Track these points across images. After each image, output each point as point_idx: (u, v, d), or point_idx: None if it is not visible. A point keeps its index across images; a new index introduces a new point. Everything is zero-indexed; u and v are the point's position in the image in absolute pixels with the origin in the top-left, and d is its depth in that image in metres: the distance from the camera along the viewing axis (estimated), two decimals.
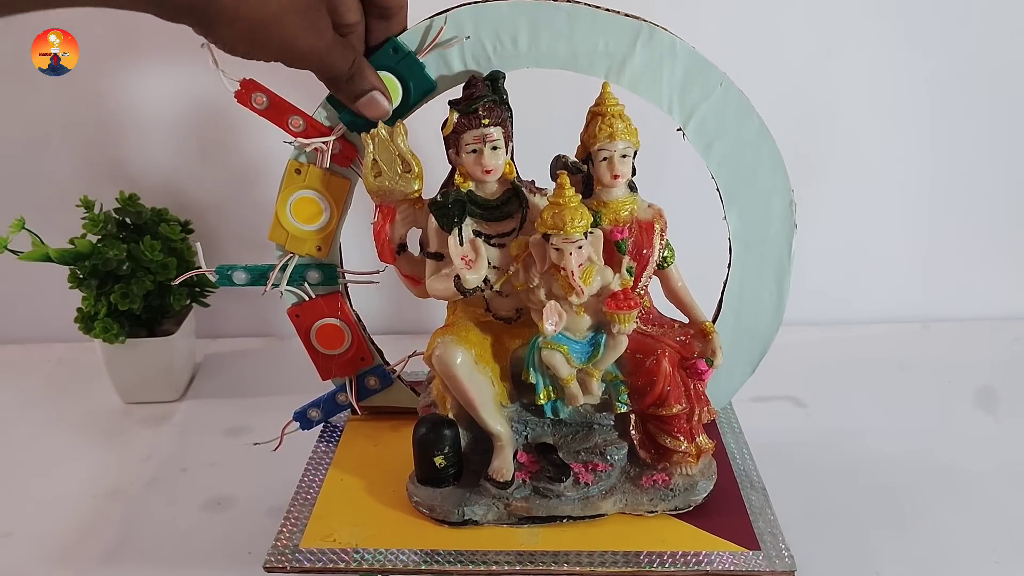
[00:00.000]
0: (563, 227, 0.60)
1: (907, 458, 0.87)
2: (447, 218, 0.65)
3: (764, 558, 0.63)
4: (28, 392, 1.05)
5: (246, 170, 1.07)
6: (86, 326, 0.95)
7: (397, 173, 0.66)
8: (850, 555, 0.75)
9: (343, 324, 0.76)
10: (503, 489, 0.67)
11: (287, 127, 0.70)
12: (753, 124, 0.70)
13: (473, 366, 0.66)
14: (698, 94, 0.69)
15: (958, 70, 1.05)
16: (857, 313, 1.16)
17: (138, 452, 0.92)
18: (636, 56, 0.68)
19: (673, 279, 0.69)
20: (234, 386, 1.05)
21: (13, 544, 0.79)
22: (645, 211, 0.67)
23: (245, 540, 0.77)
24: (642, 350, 0.66)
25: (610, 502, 0.67)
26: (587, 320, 0.64)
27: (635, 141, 0.65)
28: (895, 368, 1.06)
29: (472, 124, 0.63)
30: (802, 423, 0.95)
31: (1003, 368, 1.05)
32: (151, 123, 1.06)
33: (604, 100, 0.65)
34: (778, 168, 0.71)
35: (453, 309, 0.71)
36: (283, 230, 0.73)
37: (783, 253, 0.73)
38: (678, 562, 0.63)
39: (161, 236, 0.97)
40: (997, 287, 1.16)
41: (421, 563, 0.64)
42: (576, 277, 0.61)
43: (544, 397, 0.67)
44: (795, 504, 0.78)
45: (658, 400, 0.66)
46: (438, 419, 0.69)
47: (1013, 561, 0.75)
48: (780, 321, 0.75)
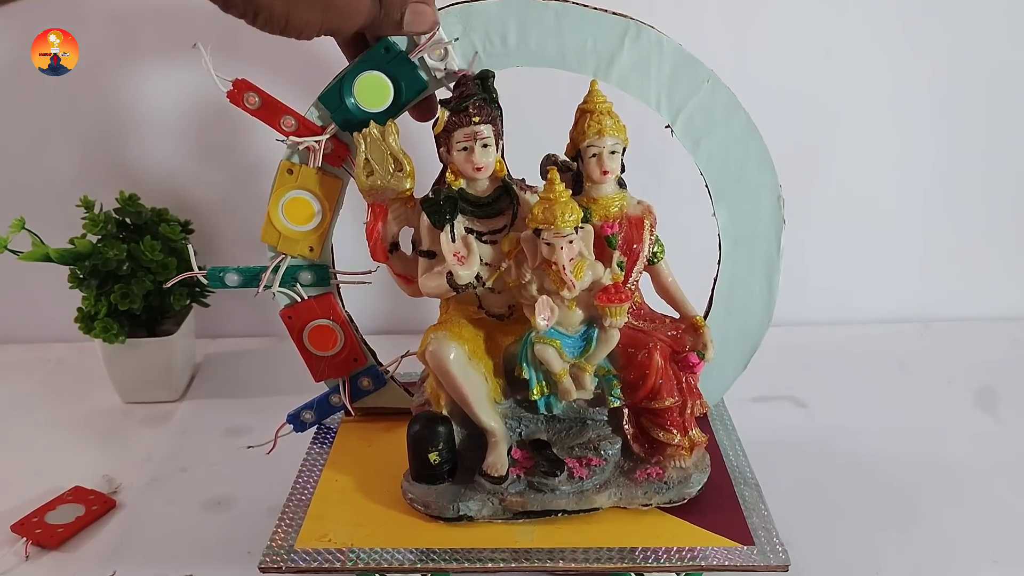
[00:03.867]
0: (554, 222, 0.61)
1: (907, 458, 0.87)
2: (439, 215, 0.65)
3: (758, 553, 0.63)
4: (28, 392, 1.05)
5: (246, 170, 1.08)
6: (86, 326, 0.95)
7: (389, 172, 0.67)
8: (850, 555, 0.75)
9: (335, 325, 0.76)
10: (498, 484, 0.67)
11: (279, 127, 0.70)
12: (740, 120, 0.70)
13: (466, 362, 0.66)
14: (685, 91, 0.69)
15: (959, 69, 1.04)
16: (857, 313, 1.16)
17: (138, 452, 0.92)
18: (624, 54, 0.68)
19: (663, 275, 0.70)
20: (234, 386, 1.05)
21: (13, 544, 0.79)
22: (635, 207, 0.67)
23: (244, 540, 0.77)
24: (634, 344, 0.66)
25: (604, 496, 0.67)
26: (579, 314, 0.65)
27: (623, 138, 0.65)
28: (895, 368, 1.05)
29: (463, 122, 0.64)
30: (802, 423, 0.95)
31: (1003, 368, 1.04)
32: (151, 123, 1.06)
33: (593, 97, 0.66)
34: (766, 164, 0.71)
35: (446, 307, 0.71)
36: (275, 231, 0.74)
37: (772, 248, 0.73)
38: (672, 557, 0.63)
39: (161, 236, 0.98)
40: (997, 287, 1.16)
41: (416, 561, 0.64)
42: (567, 271, 0.61)
43: (537, 392, 0.67)
44: (795, 504, 0.78)
45: (650, 393, 0.66)
46: (432, 416, 0.69)
47: (1013, 561, 0.74)
48: (771, 316, 0.75)
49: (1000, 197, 1.11)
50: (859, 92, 1.05)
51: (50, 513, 0.81)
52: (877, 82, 1.05)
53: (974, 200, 1.12)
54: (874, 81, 1.05)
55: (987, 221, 1.13)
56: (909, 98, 1.06)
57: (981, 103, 1.06)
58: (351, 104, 0.69)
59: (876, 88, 1.05)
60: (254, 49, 0.98)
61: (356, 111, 0.69)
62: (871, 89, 1.05)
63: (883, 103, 1.06)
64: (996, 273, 1.15)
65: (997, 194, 1.11)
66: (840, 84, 1.05)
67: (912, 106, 1.06)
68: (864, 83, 1.05)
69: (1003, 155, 1.09)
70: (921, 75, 1.05)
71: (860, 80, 1.05)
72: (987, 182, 1.11)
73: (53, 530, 0.79)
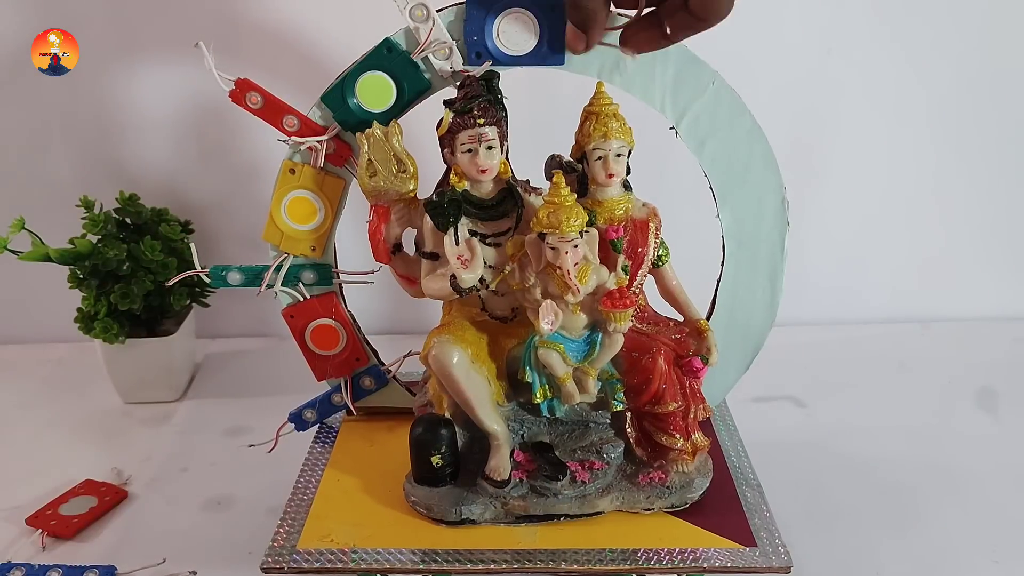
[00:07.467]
0: (559, 226, 0.61)
1: (907, 458, 0.87)
2: (443, 218, 0.65)
3: (760, 554, 0.63)
4: (28, 392, 1.05)
5: (246, 170, 1.08)
6: (86, 326, 0.95)
7: (392, 173, 0.66)
8: (851, 555, 0.75)
9: (338, 324, 0.76)
10: (500, 488, 0.67)
11: (281, 126, 0.70)
12: (745, 122, 0.70)
13: (469, 365, 0.66)
14: (690, 93, 0.69)
15: (959, 69, 1.05)
16: (857, 313, 1.16)
17: (138, 452, 0.92)
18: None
19: (668, 277, 0.70)
20: (234, 386, 1.05)
21: (13, 544, 0.79)
22: (640, 210, 0.67)
23: (245, 540, 0.77)
24: (638, 348, 0.66)
25: (607, 500, 0.67)
26: (583, 319, 0.65)
27: (629, 140, 0.65)
28: (895, 368, 1.06)
29: (467, 124, 0.63)
30: (802, 423, 0.95)
31: (1003, 368, 1.04)
32: (151, 123, 1.06)
33: (598, 99, 0.65)
34: (770, 166, 0.71)
35: (449, 309, 0.71)
36: (277, 230, 0.74)
37: (776, 251, 0.73)
38: (675, 559, 0.63)
39: (161, 236, 0.97)
40: (997, 287, 1.16)
41: (419, 563, 0.64)
42: (572, 276, 0.61)
43: (540, 396, 0.67)
44: (795, 504, 0.78)
45: (654, 398, 0.66)
46: (435, 419, 0.69)
47: (1013, 561, 0.74)
48: (774, 318, 0.75)
49: (1000, 197, 1.12)
50: (859, 92, 1.05)
51: (63, 505, 0.82)
52: (878, 82, 1.05)
53: (974, 200, 1.12)
54: (875, 81, 1.05)
55: (986, 221, 1.13)
56: (909, 98, 1.06)
57: (981, 103, 1.06)
58: (353, 104, 0.69)
59: (876, 88, 1.05)
60: (256, 49, 0.99)
61: (359, 111, 0.69)
62: (871, 89, 1.05)
63: (883, 103, 1.06)
64: (996, 273, 1.16)
65: (997, 194, 1.11)
66: (840, 84, 1.05)
67: (912, 106, 1.06)
68: (864, 83, 1.05)
69: (1003, 155, 1.09)
70: (921, 75, 1.05)
71: (860, 79, 1.05)
72: (987, 182, 1.11)
73: (68, 521, 0.80)
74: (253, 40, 0.99)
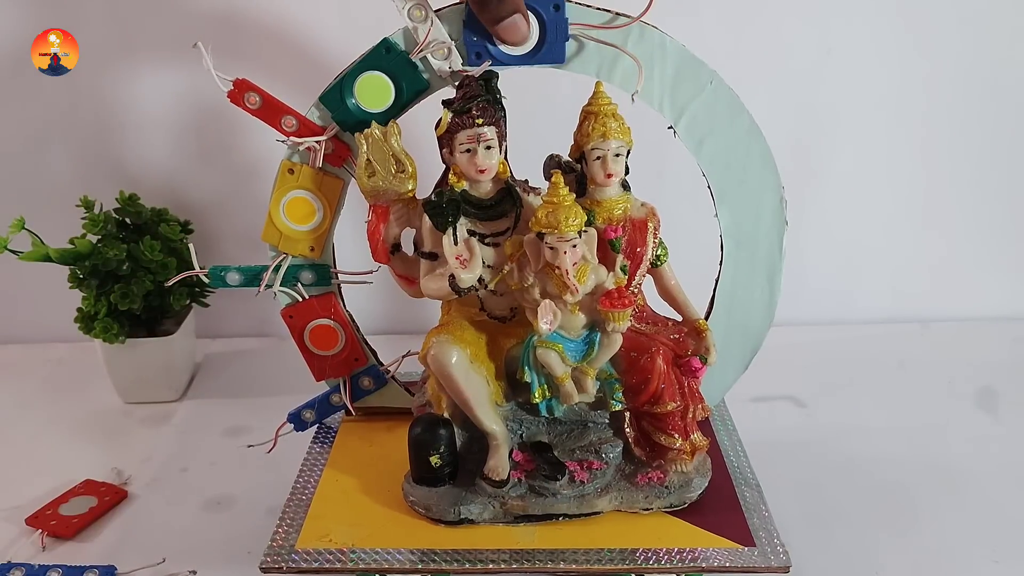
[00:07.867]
0: (558, 226, 0.61)
1: (907, 458, 0.87)
2: (442, 218, 0.65)
3: (759, 554, 0.63)
4: (28, 392, 1.05)
5: (246, 170, 1.08)
6: (86, 326, 0.95)
7: (391, 173, 0.66)
8: (850, 555, 0.75)
9: (337, 325, 0.76)
10: (499, 488, 0.67)
11: (280, 127, 0.70)
12: (743, 121, 0.70)
13: (468, 365, 0.66)
14: (689, 92, 0.69)
15: (959, 69, 1.05)
16: (857, 313, 1.16)
17: (138, 452, 0.92)
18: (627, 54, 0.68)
19: (666, 277, 0.69)
20: (234, 386, 1.05)
21: (13, 544, 0.79)
22: (638, 210, 0.67)
23: (245, 540, 0.77)
24: (636, 348, 0.66)
25: (605, 500, 0.67)
26: (582, 319, 0.65)
27: (628, 140, 0.65)
28: (895, 368, 1.06)
29: (466, 124, 0.63)
30: (802, 423, 0.95)
31: (1003, 368, 1.04)
32: (151, 123, 1.06)
33: (597, 99, 0.65)
34: (769, 165, 0.71)
35: (447, 309, 0.71)
36: (276, 230, 0.74)
37: (774, 250, 0.73)
38: (674, 559, 0.63)
39: (161, 236, 0.97)
40: (997, 287, 1.16)
41: (417, 562, 0.64)
42: (571, 276, 0.61)
43: (539, 396, 0.67)
44: (795, 504, 0.78)
45: (652, 398, 0.66)
46: (433, 418, 0.69)
47: (1013, 561, 0.74)
48: (772, 318, 0.75)
49: (1000, 197, 1.11)
50: (859, 91, 1.05)
51: (63, 506, 0.82)
52: (878, 81, 1.05)
53: (974, 200, 1.12)
54: (875, 80, 1.05)
55: (987, 221, 1.13)
56: (910, 98, 1.06)
57: (981, 103, 1.06)
58: (352, 104, 0.69)
59: (876, 88, 1.05)
60: (254, 49, 0.99)
61: (357, 111, 0.69)
62: (871, 89, 1.05)
63: (883, 102, 1.06)
64: (996, 273, 1.15)
65: (997, 194, 1.11)
66: (840, 83, 1.05)
67: (913, 105, 1.06)
68: (864, 82, 1.05)
69: (1003, 154, 1.09)
70: (921, 74, 1.05)
71: (860, 79, 1.05)
72: (987, 182, 1.11)
73: (68, 521, 0.80)
74: (252, 40, 0.99)
